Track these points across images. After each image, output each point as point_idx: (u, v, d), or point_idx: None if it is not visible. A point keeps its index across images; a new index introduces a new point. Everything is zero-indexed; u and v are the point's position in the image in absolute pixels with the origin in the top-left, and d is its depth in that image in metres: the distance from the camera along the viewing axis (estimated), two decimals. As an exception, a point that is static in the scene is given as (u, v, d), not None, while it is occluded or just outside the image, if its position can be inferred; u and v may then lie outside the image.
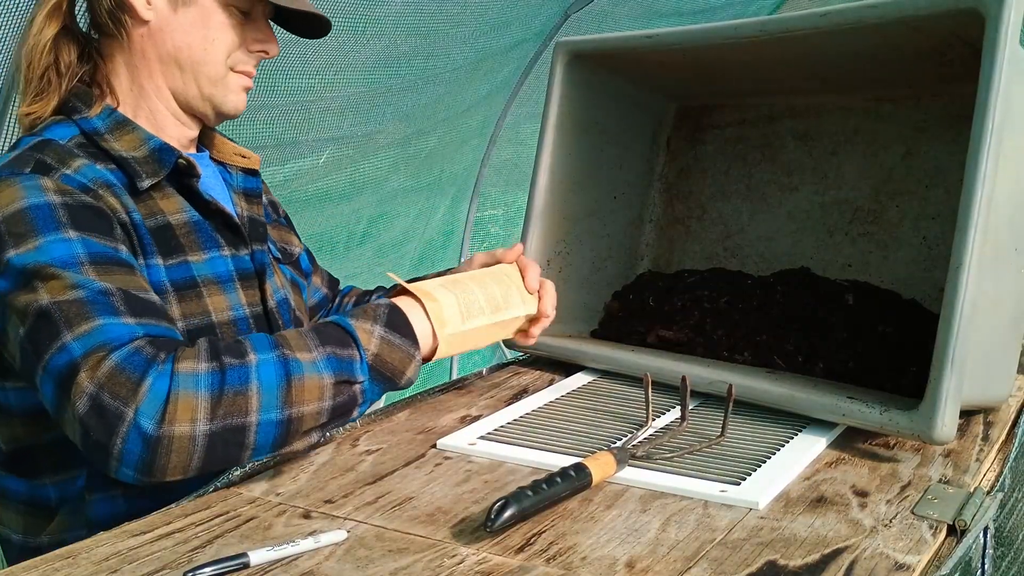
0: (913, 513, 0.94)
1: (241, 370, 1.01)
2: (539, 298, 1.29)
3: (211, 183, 1.28)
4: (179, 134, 1.26)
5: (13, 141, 1.19)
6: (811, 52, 1.31)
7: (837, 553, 0.86)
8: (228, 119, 1.28)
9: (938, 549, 0.88)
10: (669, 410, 1.25)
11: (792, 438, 1.14)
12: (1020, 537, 1.14)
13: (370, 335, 1.08)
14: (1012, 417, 1.24)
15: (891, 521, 0.93)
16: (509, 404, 1.29)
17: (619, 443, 1.12)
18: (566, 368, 1.45)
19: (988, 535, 0.96)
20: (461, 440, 1.14)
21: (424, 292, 1.15)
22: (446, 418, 1.25)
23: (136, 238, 1.14)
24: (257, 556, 0.84)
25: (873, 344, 1.31)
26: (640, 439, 1.12)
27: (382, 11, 3.00)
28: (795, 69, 1.41)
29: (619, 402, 1.28)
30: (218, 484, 1.02)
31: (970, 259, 1.03)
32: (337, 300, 1.54)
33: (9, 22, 2.24)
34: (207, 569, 0.82)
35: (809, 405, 1.16)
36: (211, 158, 1.33)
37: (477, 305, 1.19)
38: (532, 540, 0.88)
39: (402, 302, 1.14)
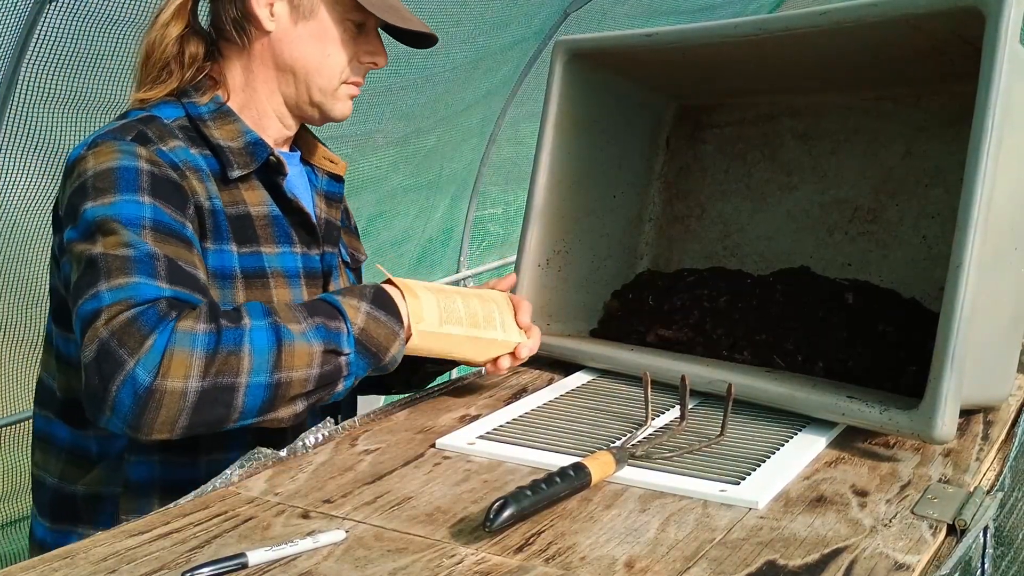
0: (913, 513, 0.94)
1: (236, 332, 1.06)
2: (526, 336, 1.32)
3: (296, 182, 1.34)
4: (278, 134, 1.33)
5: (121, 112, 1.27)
6: (811, 51, 1.31)
7: (837, 553, 0.86)
8: (334, 123, 1.36)
9: (938, 549, 0.88)
10: (668, 409, 1.24)
11: (792, 437, 1.13)
12: (1020, 537, 1.14)
13: (357, 310, 1.14)
14: (1012, 416, 1.24)
15: (891, 521, 0.92)
16: (508, 403, 1.29)
17: (618, 443, 1.12)
18: (565, 367, 1.45)
19: (988, 535, 0.95)
20: (460, 440, 1.14)
21: (407, 286, 1.20)
22: (445, 417, 1.25)
23: (212, 223, 1.21)
24: (255, 556, 0.84)
25: (873, 343, 1.30)
26: (639, 438, 1.12)
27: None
28: (795, 68, 1.40)
29: (618, 401, 1.28)
30: (217, 484, 1.02)
31: (970, 258, 1.03)
32: None
33: (9, 22, 2.24)
34: (205, 569, 0.81)
35: (809, 404, 1.16)
36: (301, 159, 1.39)
37: (456, 315, 1.23)
38: (531, 540, 0.88)
39: (387, 287, 1.19)
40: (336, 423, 1.19)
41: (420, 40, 1.33)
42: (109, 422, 1.04)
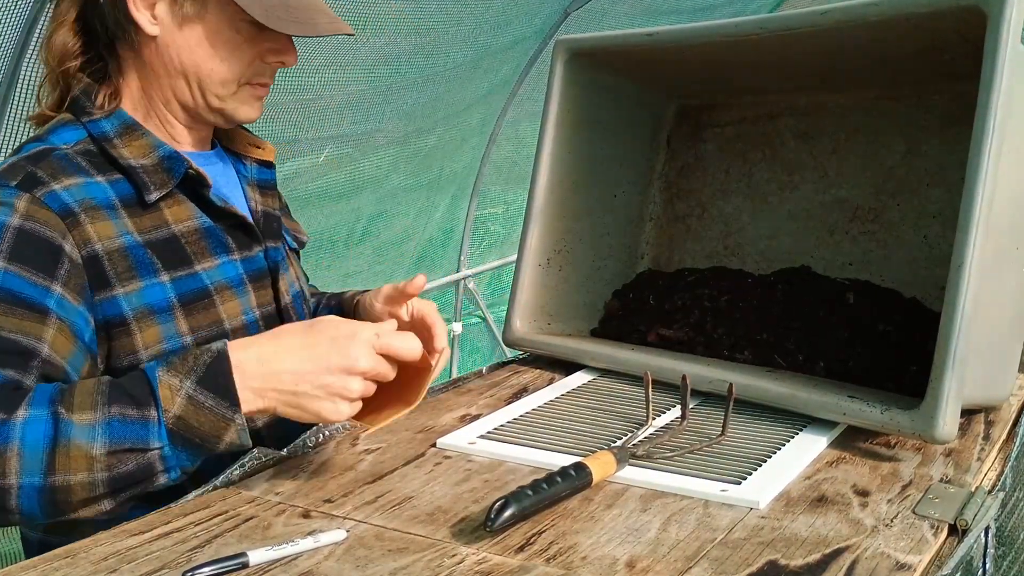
0: (914, 513, 0.94)
1: (5, 428, 0.93)
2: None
3: (222, 181, 1.26)
4: (191, 138, 1.25)
5: (18, 141, 1.18)
6: (812, 50, 1.31)
7: (838, 553, 0.86)
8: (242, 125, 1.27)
9: (939, 549, 0.88)
10: (669, 409, 1.24)
11: (793, 437, 1.13)
12: (1021, 537, 1.14)
13: (175, 393, 0.96)
14: (1013, 416, 1.24)
15: (892, 521, 0.92)
16: (509, 403, 1.29)
17: (619, 442, 1.12)
18: (566, 367, 1.45)
19: (989, 535, 0.95)
20: (461, 439, 1.14)
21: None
22: (446, 417, 1.24)
23: (129, 262, 1.12)
24: (256, 556, 0.84)
25: (874, 343, 1.30)
26: (640, 438, 1.12)
27: (382, 9, 3.00)
28: (796, 67, 1.40)
29: (619, 401, 1.28)
30: (217, 483, 1.02)
31: (971, 258, 1.03)
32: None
33: (9, 22, 2.24)
34: (206, 569, 0.81)
35: (810, 404, 1.16)
36: (226, 149, 1.31)
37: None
38: (532, 540, 0.88)
39: (232, 351, 0.99)
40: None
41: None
42: None
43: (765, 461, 1.06)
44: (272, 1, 1.15)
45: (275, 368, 0.99)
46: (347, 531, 0.90)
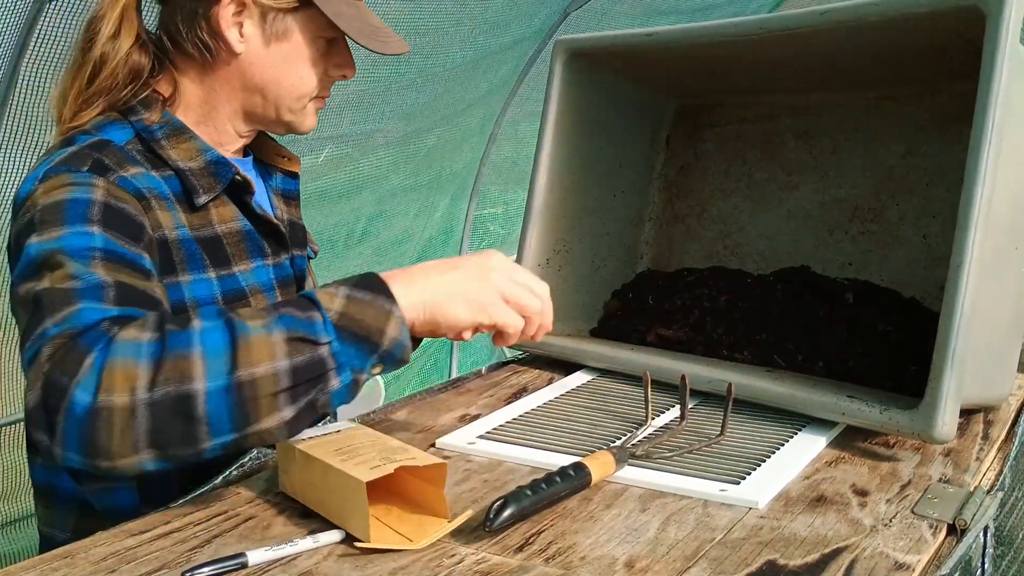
0: (913, 512, 0.94)
1: (183, 335, 0.92)
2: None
3: (256, 188, 1.28)
4: (234, 145, 1.27)
5: (55, 138, 1.18)
6: (811, 50, 1.31)
7: (837, 552, 0.86)
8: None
9: (938, 548, 0.88)
10: (668, 409, 1.24)
11: (792, 437, 1.13)
12: (1020, 536, 1.14)
13: (333, 296, 0.98)
14: (1012, 416, 1.24)
15: (891, 520, 0.92)
16: (508, 403, 1.29)
17: (618, 442, 1.12)
18: (565, 367, 1.45)
19: (988, 534, 0.95)
20: (460, 439, 1.14)
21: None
22: (445, 417, 1.24)
23: (183, 254, 1.14)
24: (255, 556, 0.84)
25: (873, 343, 1.30)
26: (639, 438, 1.12)
27: (382, 9, 3.00)
28: (795, 67, 1.40)
29: (618, 401, 1.28)
30: (216, 483, 1.02)
31: (971, 257, 1.03)
32: None
33: (9, 22, 2.24)
34: (205, 569, 0.81)
35: (809, 404, 1.16)
36: (253, 158, 1.35)
37: None
38: (531, 540, 0.88)
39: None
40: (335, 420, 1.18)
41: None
42: (65, 459, 0.91)
43: (764, 461, 1.06)
44: (353, 20, 1.19)
45: (421, 278, 1.02)
46: (346, 531, 0.90)
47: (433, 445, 1.14)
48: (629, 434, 1.15)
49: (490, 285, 1.04)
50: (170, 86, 1.21)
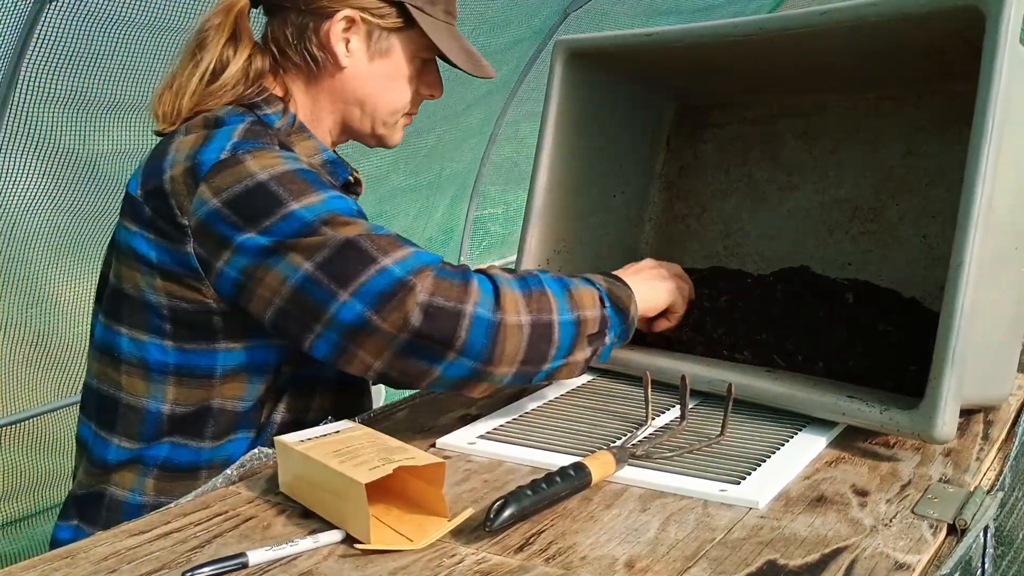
0: (913, 512, 0.94)
1: (534, 278, 1.15)
2: None
3: None
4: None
5: (168, 127, 1.23)
6: (811, 50, 1.31)
7: (837, 552, 0.86)
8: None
9: (938, 548, 0.88)
10: (669, 409, 1.24)
11: (792, 437, 1.13)
12: (1020, 536, 1.14)
13: (595, 278, 1.21)
14: (1012, 416, 1.24)
15: (891, 520, 0.92)
16: (508, 403, 1.29)
17: (619, 442, 1.12)
18: (566, 367, 1.45)
19: (988, 534, 0.95)
20: (460, 439, 1.14)
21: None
22: (445, 417, 1.25)
23: None
24: (256, 556, 0.84)
25: (873, 343, 1.30)
26: (640, 438, 1.12)
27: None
28: (795, 67, 1.40)
29: (619, 401, 1.28)
30: (217, 483, 1.02)
31: (970, 258, 1.03)
32: None
33: (9, 22, 2.24)
34: (205, 569, 0.81)
35: (809, 404, 1.16)
36: None
37: None
38: (531, 540, 0.88)
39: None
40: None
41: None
42: (454, 366, 1.07)
43: (764, 461, 1.06)
44: (452, 43, 1.29)
45: (630, 276, 1.29)
46: (346, 531, 0.90)
47: (433, 445, 1.14)
48: (629, 434, 1.15)
49: (664, 279, 1.33)
50: (282, 90, 1.28)
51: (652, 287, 1.31)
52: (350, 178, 1.29)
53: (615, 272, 1.29)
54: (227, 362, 1.18)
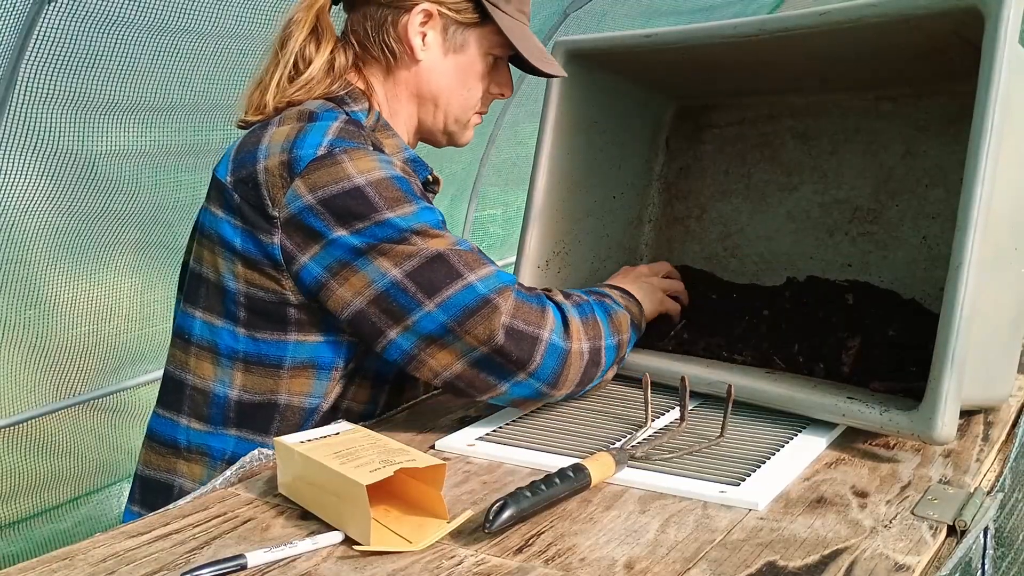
0: (913, 514, 0.94)
1: (586, 306, 1.23)
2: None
3: None
4: None
5: (258, 118, 1.24)
6: (810, 51, 1.31)
7: (837, 554, 0.86)
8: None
9: (938, 550, 0.88)
10: (668, 411, 1.24)
11: (792, 438, 1.13)
12: (1020, 538, 1.14)
13: (617, 297, 1.31)
14: (1012, 417, 1.24)
15: (891, 522, 0.92)
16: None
17: (618, 444, 1.12)
18: (565, 368, 1.44)
19: (988, 535, 0.95)
20: (460, 441, 1.14)
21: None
22: (445, 419, 1.24)
23: None
24: (255, 557, 0.84)
25: (873, 344, 1.30)
26: (639, 440, 1.12)
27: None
28: (795, 68, 1.40)
29: (618, 403, 1.28)
30: (216, 485, 1.02)
31: (970, 258, 1.03)
32: None
33: (9, 22, 2.24)
34: (205, 570, 0.81)
35: (809, 405, 1.16)
36: None
37: None
38: (531, 541, 0.88)
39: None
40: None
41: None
42: (522, 386, 1.15)
43: (764, 462, 1.06)
44: (527, 41, 1.30)
45: (631, 286, 1.37)
46: (345, 533, 0.90)
47: (433, 447, 1.14)
48: (629, 436, 1.15)
49: (650, 287, 1.41)
50: (364, 84, 1.29)
51: (651, 298, 1.40)
52: (429, 176, 1.30)
53: (617, 282, 1.38)
54: (296, 354, 1.19)
